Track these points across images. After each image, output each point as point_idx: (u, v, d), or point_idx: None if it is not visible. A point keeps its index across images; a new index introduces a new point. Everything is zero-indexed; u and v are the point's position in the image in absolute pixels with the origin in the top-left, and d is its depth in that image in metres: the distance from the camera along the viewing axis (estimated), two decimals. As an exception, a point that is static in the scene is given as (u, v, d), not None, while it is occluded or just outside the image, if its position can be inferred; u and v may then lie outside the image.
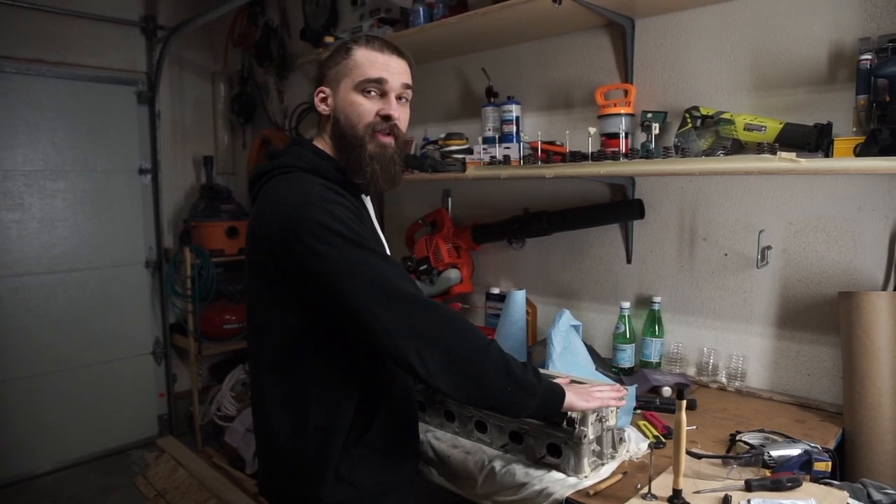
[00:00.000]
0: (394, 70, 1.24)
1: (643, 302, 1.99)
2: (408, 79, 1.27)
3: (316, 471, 1.21)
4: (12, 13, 3.11)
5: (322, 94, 1.27)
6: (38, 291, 3.29)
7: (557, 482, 1.26)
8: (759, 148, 1.44)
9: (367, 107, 1.22)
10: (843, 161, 1.38)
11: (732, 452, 1.35)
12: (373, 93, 1.23)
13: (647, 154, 1.68)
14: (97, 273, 3.48)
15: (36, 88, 3.22)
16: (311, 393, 1.20)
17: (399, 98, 1.26)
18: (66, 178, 3.35)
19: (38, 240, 3.28)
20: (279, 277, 1.16)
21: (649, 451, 1.28)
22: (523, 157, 2.00)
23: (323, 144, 1.29)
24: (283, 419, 1.24)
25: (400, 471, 1.31)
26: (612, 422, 1.34)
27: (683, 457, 1.13)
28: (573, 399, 1.22)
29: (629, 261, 2.04)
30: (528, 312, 1.97)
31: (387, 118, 1.23)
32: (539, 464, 1.33)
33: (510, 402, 1.17)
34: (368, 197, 1.36)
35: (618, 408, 1.32)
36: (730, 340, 1.84)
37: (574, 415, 1.25)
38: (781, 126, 1.55)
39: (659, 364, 1.91)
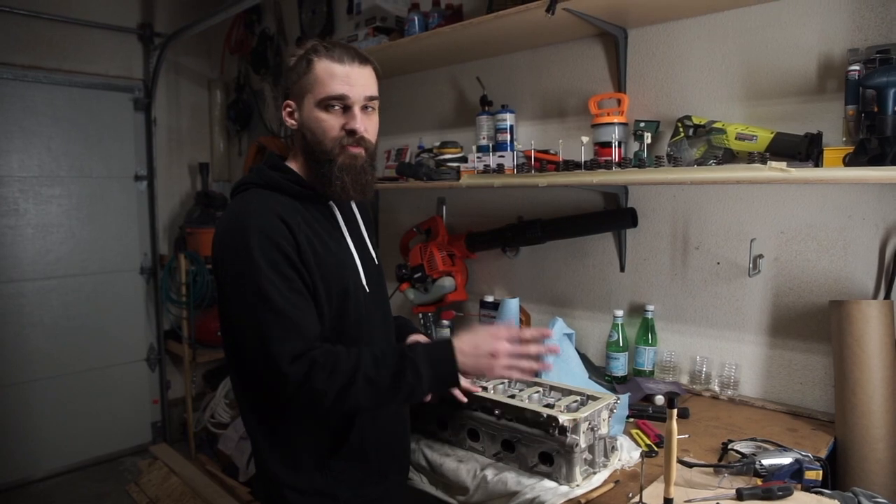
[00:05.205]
0: (356, 82, 1.21)
1: (636, 310, 1.99)
2: (372, 90, 1.24)
3: (292, 483, 1.21)
4: (10, 20, 3.12)
5: (289, 109, 1.25)
6: (32, 297, 3.28)
7: (549, 490, 1.26)
8: (750, 157, 1.45)
9: (332, 122, 1.21)
10: (833, 171, 1.39)
11: (724, 461, 1.35)
12: (336, 107, 1.21)
13: (639, 163, 1.68)
14: (92, 279, 3.48)
15: (32, 94, 3.23)
16: (277, 404, 1.21)
17: (364, 108, 1.23)
18: (61, 184, 3.35)
19: (33, 245, 3.28)
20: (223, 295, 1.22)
21: (641, 459, 1.28)
22: (517, 165, 2.01)
23: (296, 155, 1.29)
24: (256, 430, 1.25)
25: (385, 482, 1.31)
26: (604, 430, 1.34)
27: (675, 466, 1.13)
28: (467, 372, 1.17)
29: (622, 269, 2.05)
30: (521, 320, 1.97)
31: (352, 133, 1.21)
32: (531, 472, 1.33)
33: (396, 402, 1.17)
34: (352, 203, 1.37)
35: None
36: (722, 349, 1.84)
37: (565, 422, 1.25)
38: (772, 135, 1.57)
39: (652, 372, 1.91)
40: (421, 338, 1.51)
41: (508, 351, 1.17)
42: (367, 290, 1.29)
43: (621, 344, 1.90)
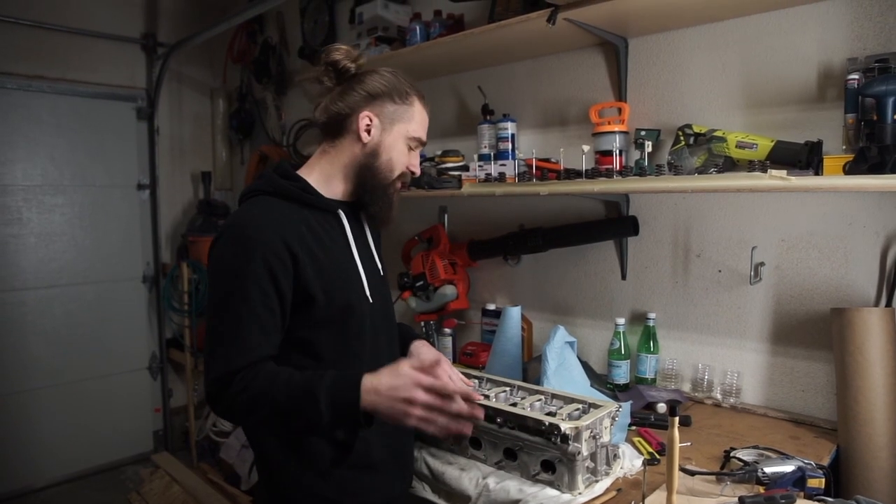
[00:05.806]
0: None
1: (638, 318, 1.99)
2: None
3: (295, 490, 1.22)
4: (14, 30, 3.15)
5: (368, 121, 1.27)
6: (35, 306, 3.29)
7: (551, 499, 1.26)
8: (750, 165, 1.46)
9: (406, 159, 1.32)
10: (833, 179, 1.39)
11: (726, 469, 1.35)
12: (414, 148, 1.34)
13: (640, 171, 1.69)
14: (94, 287, 3.49)
15: (36, 104, 3.25)
16: None
17: None
18: (64, 193, 3.37)
19: (36, 254, 3.29)
20: None
21: (643, 467, 1.28)
22: (518, 174, 2.02)
23: (331, 160, 1.30)
24: (260, 438, 1.26)
25: (388, 492, 1.31)
26: (606, 438, 1.34)
27: (676, 474, 1.13)
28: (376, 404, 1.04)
29: (624, 277, 2.05)
30: (523, 329, 1.97)
31: (413, 173, 1.36)
32: (533, 480, 1.33)
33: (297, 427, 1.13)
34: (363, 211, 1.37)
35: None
36: (724, 356, 1.84)
37: (567, 431, 1.25)
38: (773, 144, 1.57)
39: (654, 380, 1.91)
40: (423, 343, 1.50)
41: (424, 402, 1.02)
42: (371, 301, 1.28)
43: (623, 352, 1.90)
